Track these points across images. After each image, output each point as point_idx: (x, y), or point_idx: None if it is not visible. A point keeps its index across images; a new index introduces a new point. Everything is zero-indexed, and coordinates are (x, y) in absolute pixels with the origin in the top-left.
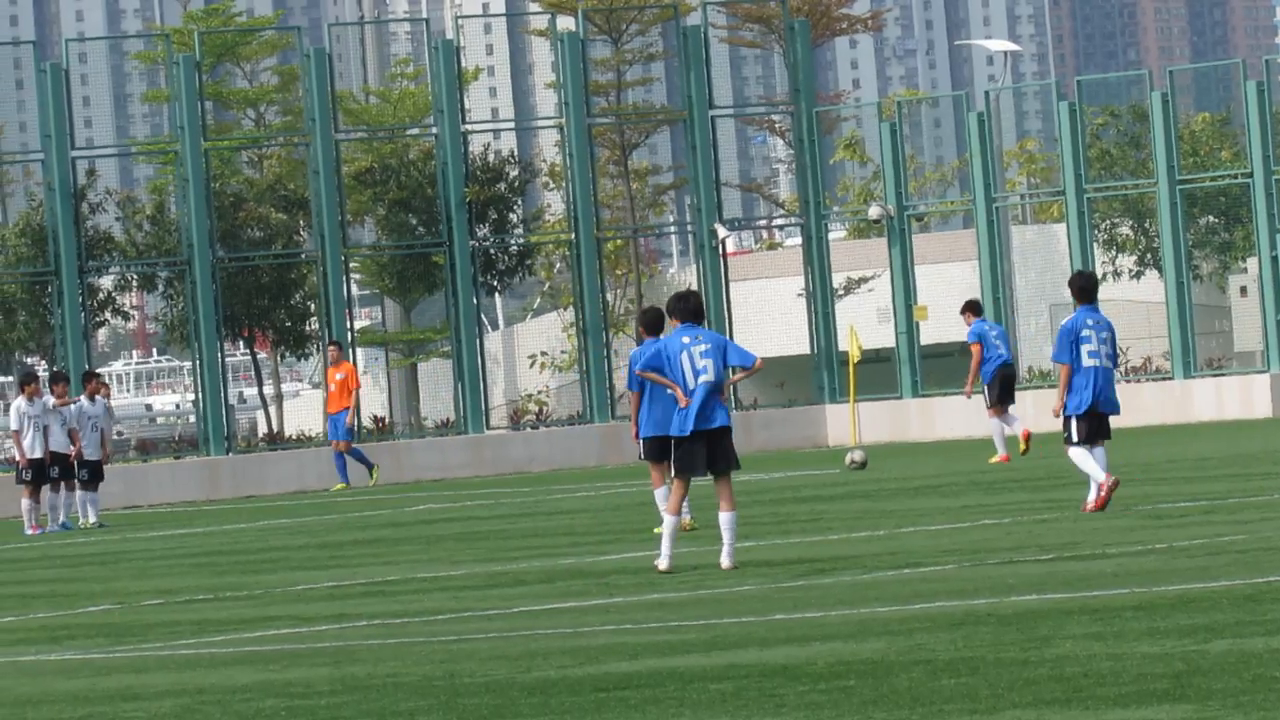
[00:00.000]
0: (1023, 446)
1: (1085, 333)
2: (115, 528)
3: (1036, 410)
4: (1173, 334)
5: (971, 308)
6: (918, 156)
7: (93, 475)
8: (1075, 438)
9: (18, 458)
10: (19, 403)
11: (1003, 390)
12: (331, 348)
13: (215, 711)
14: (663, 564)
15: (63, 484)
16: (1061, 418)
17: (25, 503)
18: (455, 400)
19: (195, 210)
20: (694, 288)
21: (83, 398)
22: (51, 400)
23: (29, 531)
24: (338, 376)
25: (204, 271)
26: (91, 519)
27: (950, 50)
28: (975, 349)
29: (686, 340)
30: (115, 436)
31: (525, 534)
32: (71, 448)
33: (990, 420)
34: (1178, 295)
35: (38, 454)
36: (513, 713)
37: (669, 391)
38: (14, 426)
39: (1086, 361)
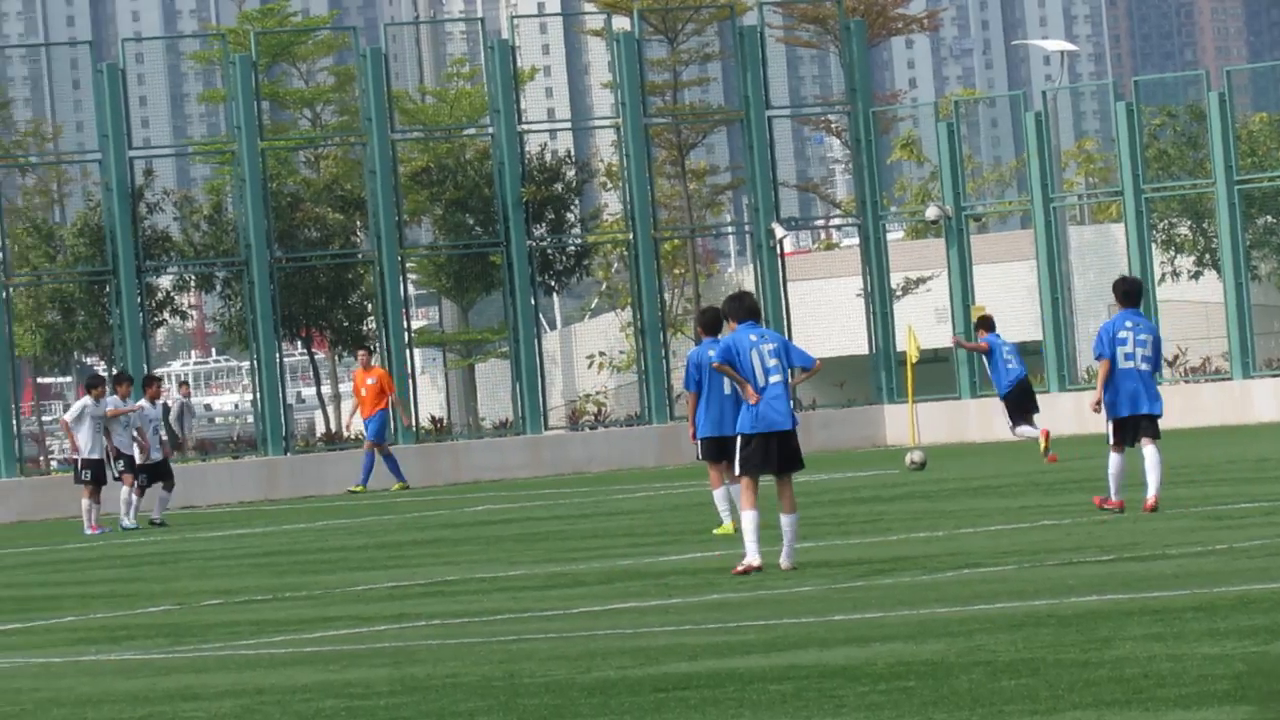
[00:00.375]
0: (1043, 445)
1: (1122, 334)
2: (174, 528)
3: (1078, 413)
4: (1231, 334)
5: (985, 324)
6: (975, 156)
7: (154, 477)
8: (1111, 439)
9: (69, 449)
10: (85, 400)
11: (1023, 403)
12: (361, 353)
13: (275, 712)
14: (755, 561)
15: (126, 479)
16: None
17: (85, 502)
18: (513, 400)
19: (252, 210)
20: (749, 288)
21: (144, 401)
22: (113, 401)
23: (89, 531)
24: (368, 381)
25: (261, 271)
26: (155, 517)
27: (1007, 50)
28: (983, 345)
29: (754, 339)
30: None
31: (584, 535)
32: (137, 450)
33: (1015, 431)
34: (1236, 295)
35: (96, 454)
36: (572, 713)
37: (727, 391)
38: (69, 417)
39: (1122, 364)
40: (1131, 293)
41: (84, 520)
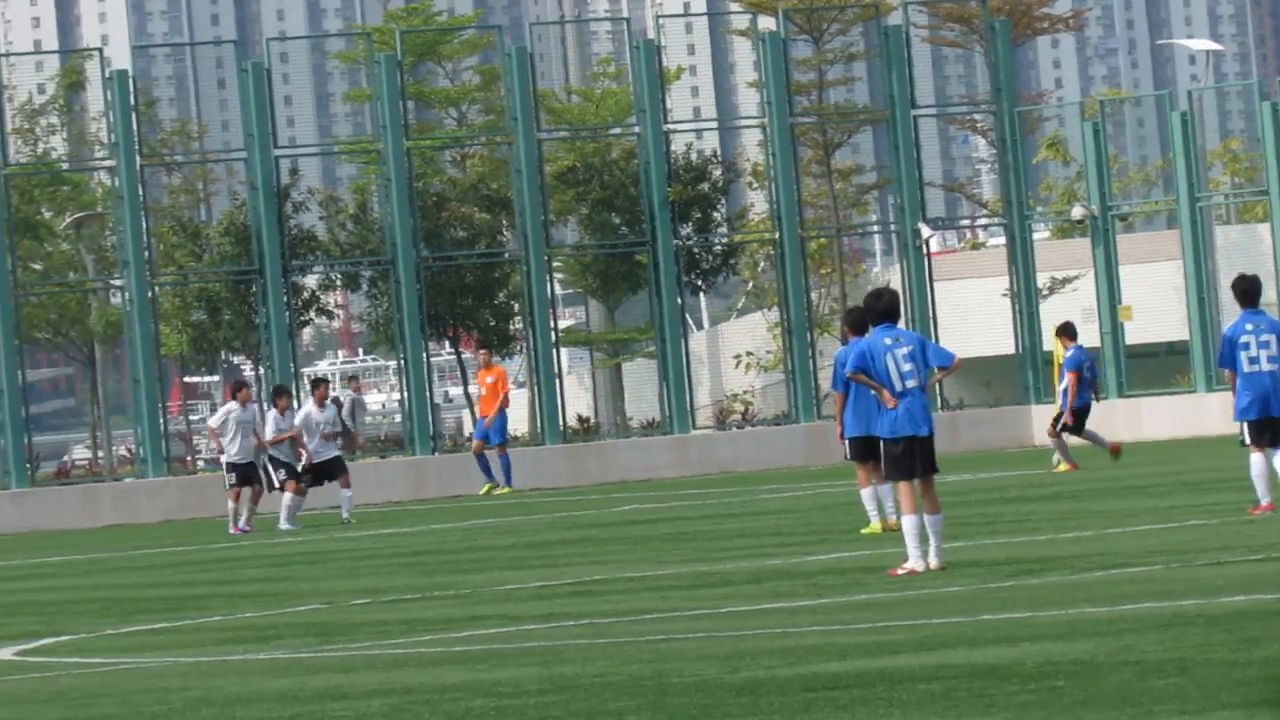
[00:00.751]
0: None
1: (1244, 339)
2: (321, 527)
3: (1225, 413)
4: None
5: (1066, 331)
6: (1121, 156)
7: (325, 474)
8: (1246, 440)
9: (220, 455)
10: (230, 405)
11: (1080, 423)
12: (482, 351)
13: (424, 711)
14: (917, 564)
15: (290, 486)
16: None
17: (231, 505)
18: (660, 400)
19: (398, 210)
20: (894, 287)
21: (310, 405)
22: (271, 418)
23: (232, 530)
24: (488, 380)
25: (408, 271)
26: (344, 514)
27: (1152, 49)
28: (1071, 377)
29: (889, 342)
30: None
31: (732, 534)
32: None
33: (1053, 439)
34: None
35: (242, 458)
36: (721, 713)
37: (874, 391)
38: (214, 423)
39: (1247, 368)
40: (1251, 291)
41: (229, 520)
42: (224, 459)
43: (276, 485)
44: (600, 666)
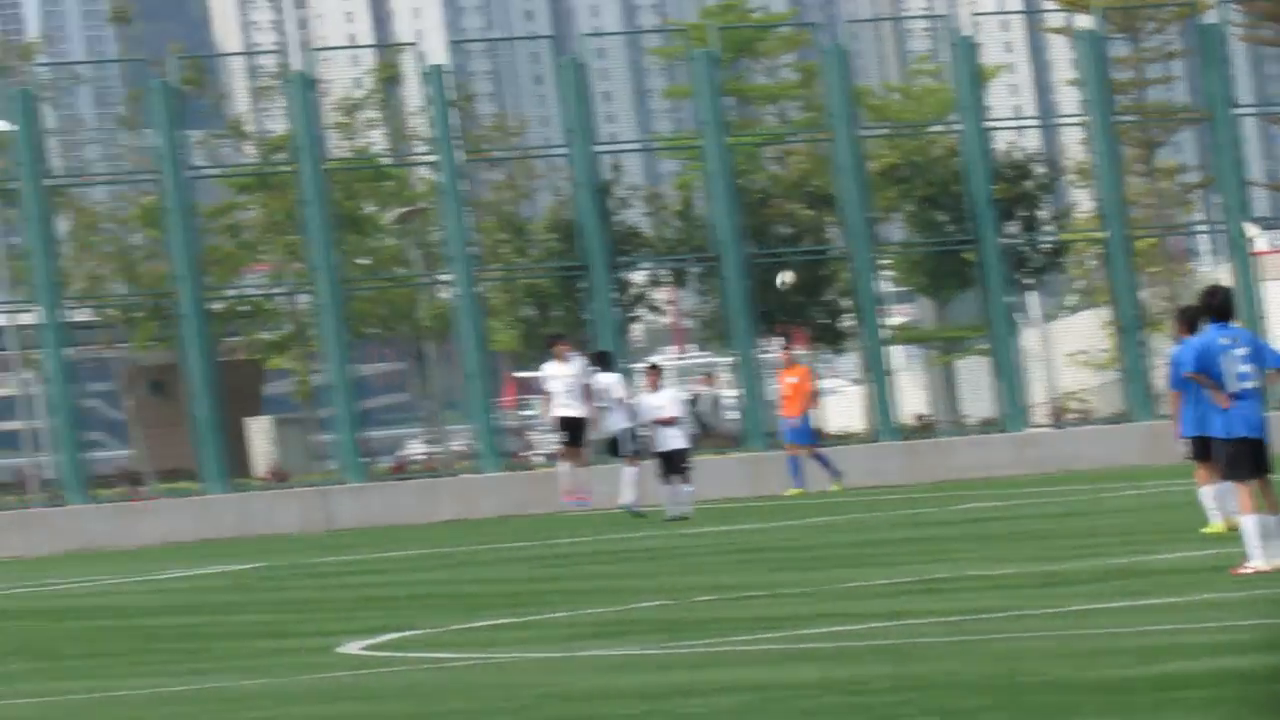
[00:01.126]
0: None
1: None
2: (659, 523)
3: None
4: None
5: None
6: None
7: (667, 467)
8: None
9: (551, 415)
10: (550, 366)
11: None
12: (783, 352)
13: (776, 708)
14: (1261, 564)
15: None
16: None
17: (563, 466)
18: (995, 397)
19: (722, 206)
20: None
21: (644, 393)
22: (613, 376)
23: (564, 500)
24: (789, 380)
25: (735, 267)
26: (686, 509)
27: None
28: None
29: (1224, 341)
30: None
31: (1074, 533)
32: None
33: None
34: None
35: (571, 412)
36: (1076, 711)
37: (1208, 392)
38: (547, 387)
39: None
40: None
41: (559, 484)
42: (555, 415)
43: (624, 454)
44: (951, 665)
